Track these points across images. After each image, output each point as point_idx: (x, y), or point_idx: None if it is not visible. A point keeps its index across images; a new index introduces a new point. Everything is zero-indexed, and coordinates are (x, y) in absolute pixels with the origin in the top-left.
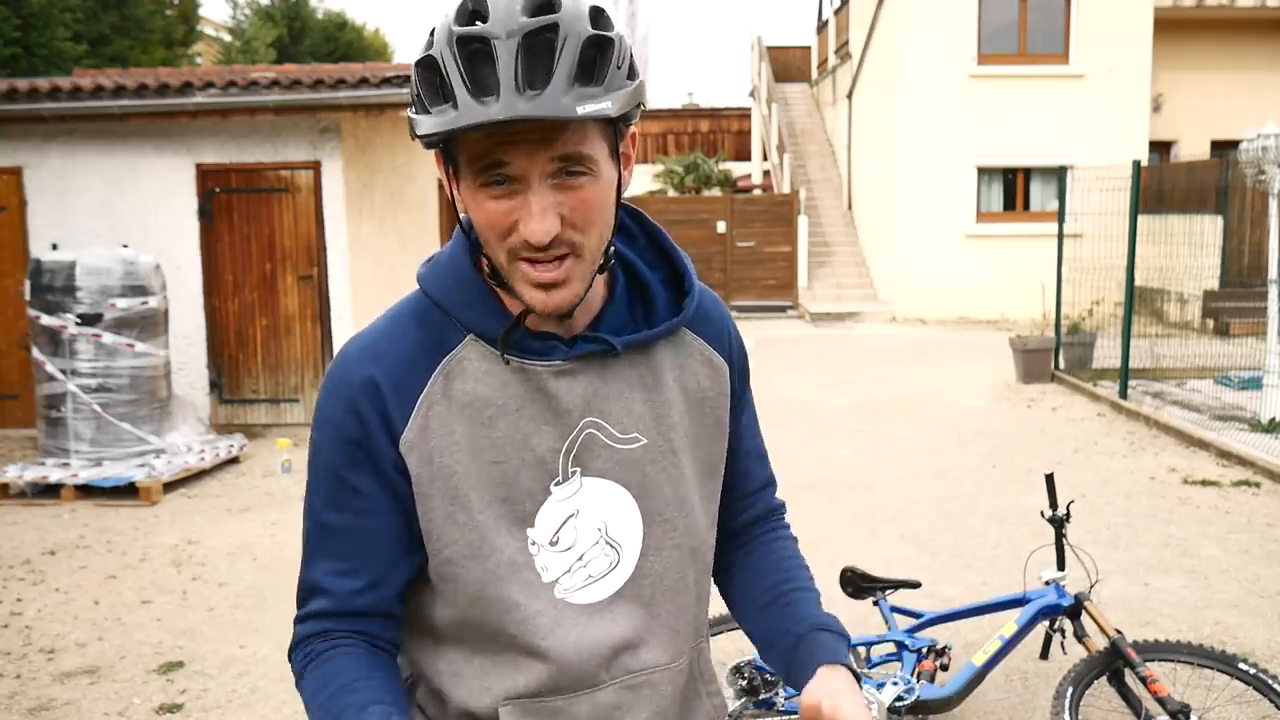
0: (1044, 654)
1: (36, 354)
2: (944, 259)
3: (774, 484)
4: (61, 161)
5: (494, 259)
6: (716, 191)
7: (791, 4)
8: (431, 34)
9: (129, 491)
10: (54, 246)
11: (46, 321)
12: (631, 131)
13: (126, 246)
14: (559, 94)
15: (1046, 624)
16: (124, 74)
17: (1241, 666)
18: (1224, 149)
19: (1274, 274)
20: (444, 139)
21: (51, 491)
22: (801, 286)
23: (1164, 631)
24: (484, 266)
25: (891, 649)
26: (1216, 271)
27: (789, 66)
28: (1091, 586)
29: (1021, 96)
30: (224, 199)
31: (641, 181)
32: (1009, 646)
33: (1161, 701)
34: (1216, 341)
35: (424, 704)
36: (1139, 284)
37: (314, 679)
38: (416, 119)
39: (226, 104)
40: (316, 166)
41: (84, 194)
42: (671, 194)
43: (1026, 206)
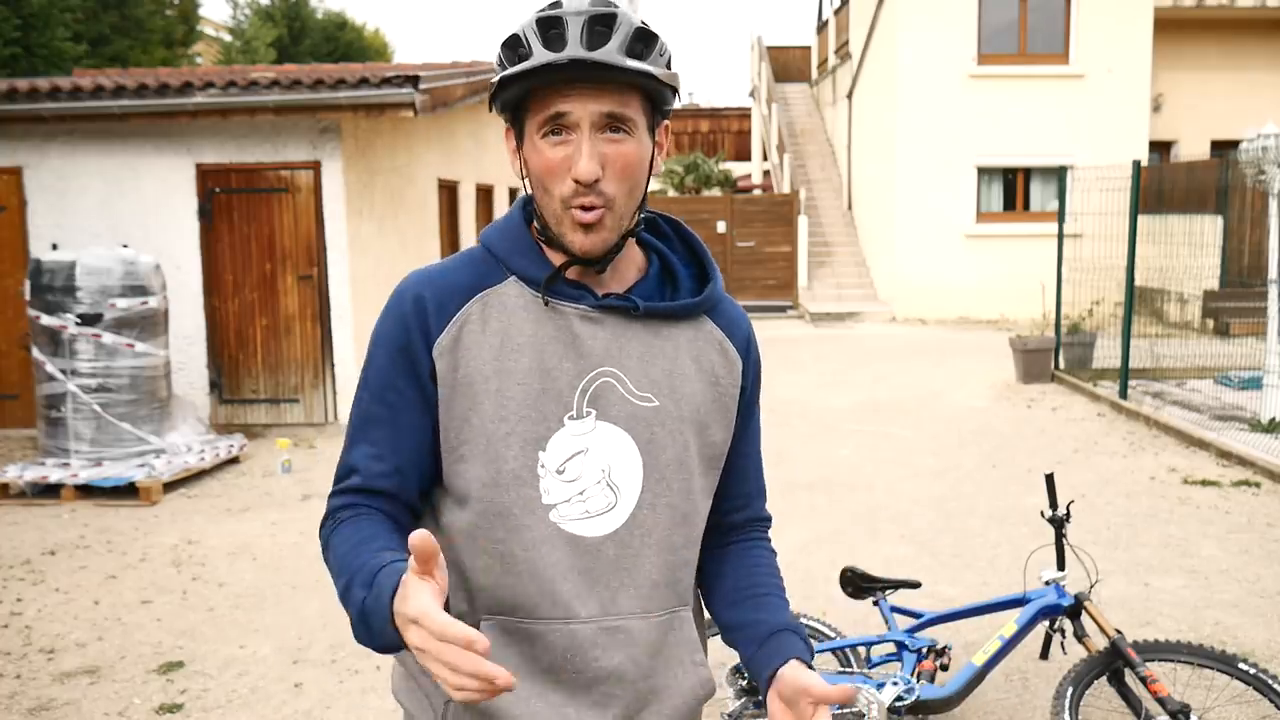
0: (1044, 654)
1: (36, 354)
2: (944, 259)
3: (765, 496)
4: (61, 161)
5: (547, 209)
6: (716, 191)
7: (791, 4)
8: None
9: (129, 491)
10: (54, 246)
11: (46, 321)
12: (666, 124)
13: (126, 246)
14: (612, 53)
15: (1046, 624)
16: (124, 74)
17: (1241, 666)
18: (1224, 149)
19: (1274, 274)
20: (521, 96)
21: (51, 491)
22: (801, 286)
23: (1164, 631)
24: (535, 228)
25: (891, 649)
26: (1216, 271)
27: (789, 66)
28: (1091, 586)
29: (1021, 96)
30: (224, 199)
31: None
32: (1009, 646)
33: (1161, 701)
34: (1216, 341)
35: None
36: (1139, 284)
37: (337, 536)
38: (498, 78)
39: (226, 104)
40: (316, 166)
41: (84, 194)
42: (671, 194)
43: (1026, 206)
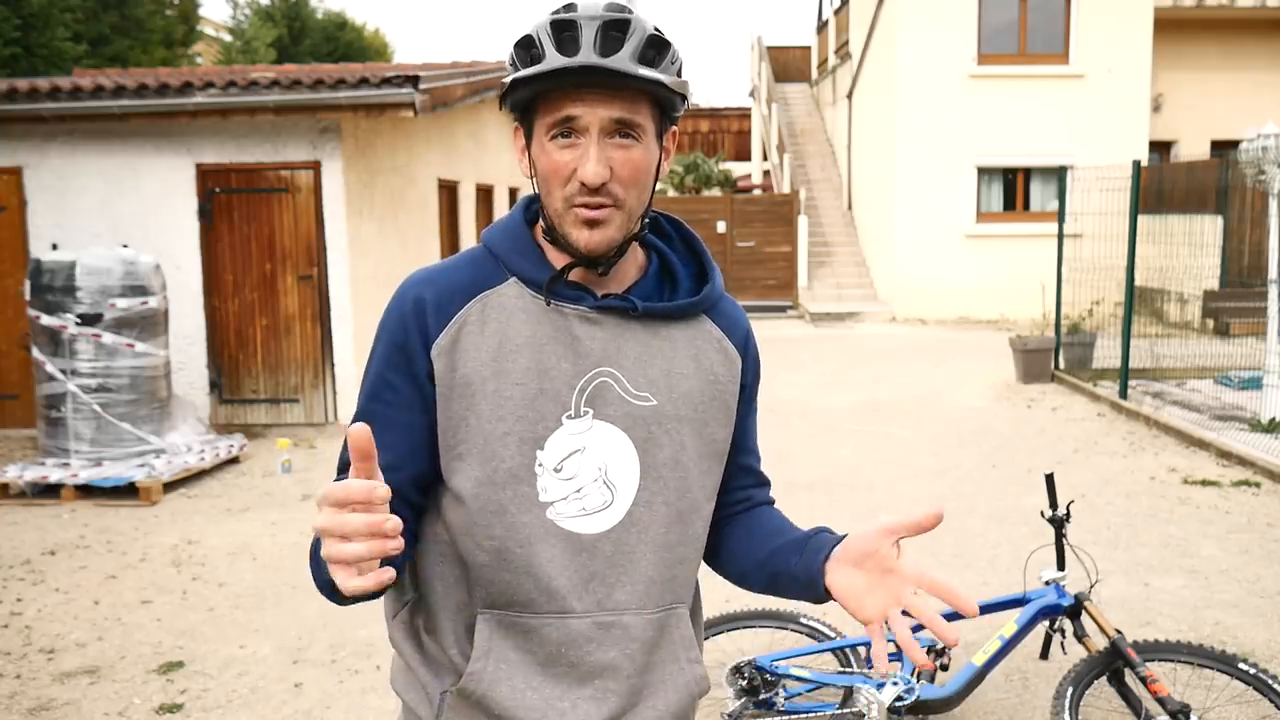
0: (1044, 654)
1: (36, 354)
2: (944, 259)
3: (769, 484)
4: (61, 161)
5: (550, 208)
6: (716, 191)
7: (791, 4)
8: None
9: (129, 491)
10: (54, 246)
11: (46, 321)
12: (674, 130)
13: (126, 246)
14: (624, 60)
15: (1046, 624)
16: (124, 74)
17: (1241, 666)
18: (1224, 149)
19: (1274, 274)
20: (531, 97)
21: (51, 491)
22: (801, 286)
23: (1164, 631)
24: (539, 229)
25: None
26: (1216, 271)
27: (789, 66)
28: (1091, 586)
29: (1021, 96)
30: (224, 199)
31: None
32: (1009, 646)
33: (1161, 701)
34: (1216, 341)
35: (420, 623)
36: (1139, 284)
37: None
38: (510, 79)
39: (226, 104)
40: (316, 166)
41: (84, 194)
42: (671, 194)
43: (1026, 206)
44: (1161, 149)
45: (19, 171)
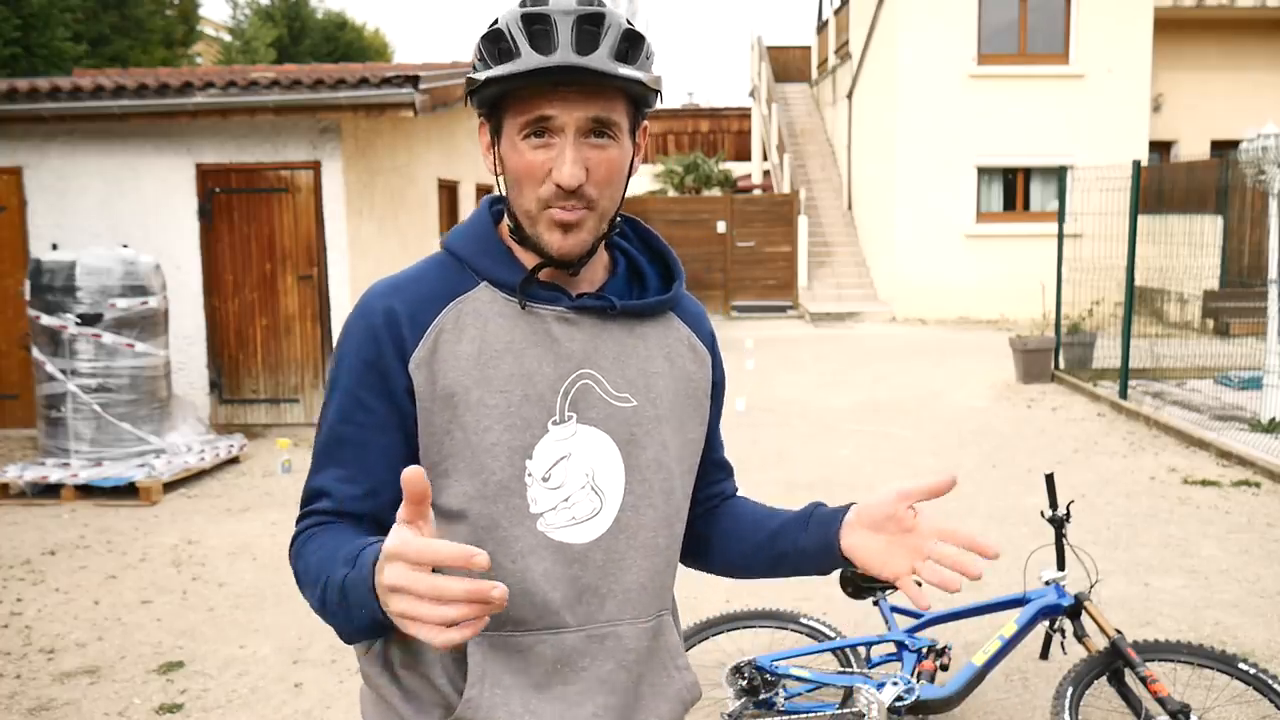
0: (1044, 654)
1: (36, 354)
2: (944, 259)
3: (733, 474)
4: (61, 161)
5: (521, 209)
6: (716, 191)
7: (791, 4)
8: (494, 22)
9: (129, 491)
10: (54, 246)
11: (46, 321)
12: (644, 125)
13: (126, 246)
14: (603, 59)
15: (1046, 624)
16: (124, 74)
17: (1241, 666)
18: (1224, 149)
19: (1274, 274)
20: (501, 94)
21: (51, 491)
22: (801, 286)
23: (1164, 631)
24: (505, 229)
25: (891, 649)
26: (1216, 271)
27: (789, 66)
28: (1091, 586)
29: (1021, 96)
30: (224, 199)
31: (641, 181)
32: (1009, 646)
33: (1161, 701)
34: (1216, 341)
35: (397, 656)
36: (1139, 284)
37: (312, 544)
38: (479, 75)
39: (226, 104)
40: (316, 166)
41: (84, 194)
42: (671, 194)
43: (1026, 206)
44: (1161, 149)
45: (19, 171)
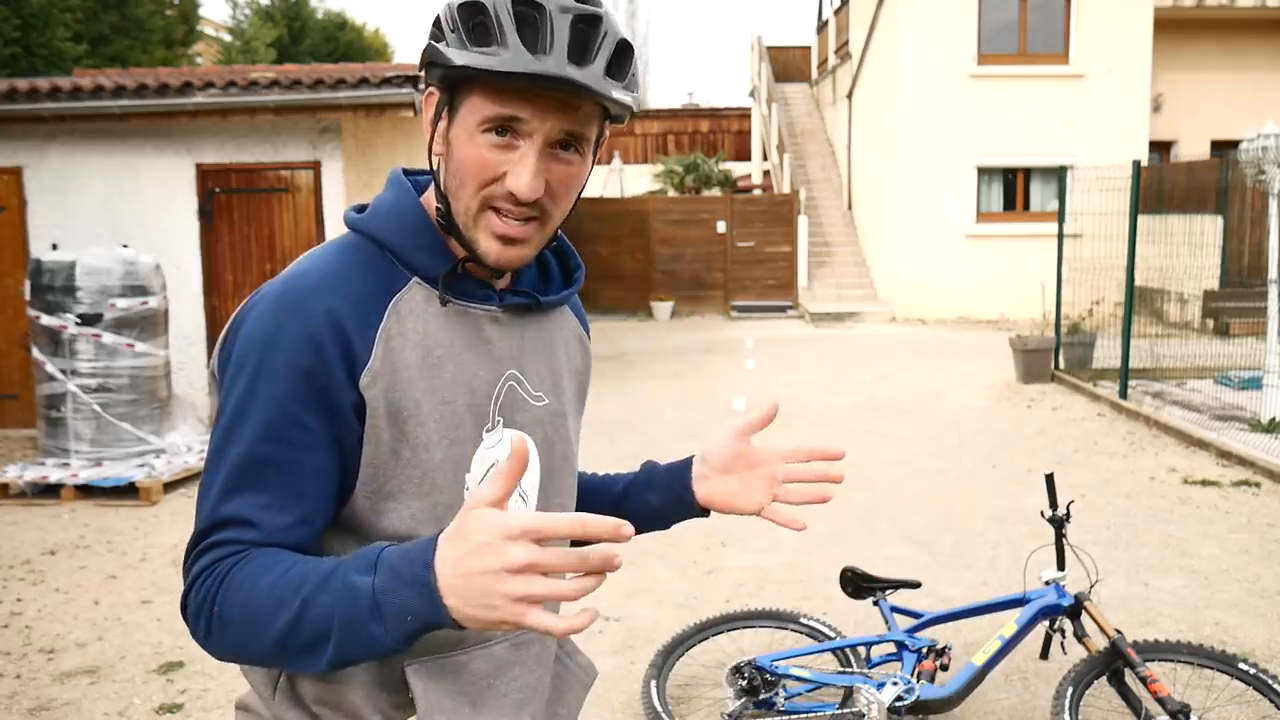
0: (1044, 654)
1: (36, 354)
2: (944, 259)
3: None
4: (61, 161)
5: (458, 204)
6: (716, 191)
7: (791, 4)
8: None
9: (129, 491)
10: (54, 246)
11: (46, 321)
12: (605, 136)
13: (126, 246)
14: (598, 77)
15: (1046, 624)
16: (124, 74)
17: (1241, 666)
18: (1224, 149)
19: (1274, 274)
20: (468, 77)
21: (51, 491)
22: (801, 286)
23: (1164, 631)
24: (431, 210)
25: (891, 649)
26: (1216, 271)
27: (789, 66)
28: (1091, 586)
29: (1021, 96)
30: (224, 199)
31: (641, 181)
32: (1009, 646)
33: (1161, 701)
34: (1216, 341)
35: (310, 693)
36: (1139, 284)
37: (251, 570)
38: (451, 51)
39: (226, 104)
40: (316, 166)
41: (84, 194)
42: (671, 194)
43: (1026, 206)
44: (1161, 149)
45: (19, 171)
